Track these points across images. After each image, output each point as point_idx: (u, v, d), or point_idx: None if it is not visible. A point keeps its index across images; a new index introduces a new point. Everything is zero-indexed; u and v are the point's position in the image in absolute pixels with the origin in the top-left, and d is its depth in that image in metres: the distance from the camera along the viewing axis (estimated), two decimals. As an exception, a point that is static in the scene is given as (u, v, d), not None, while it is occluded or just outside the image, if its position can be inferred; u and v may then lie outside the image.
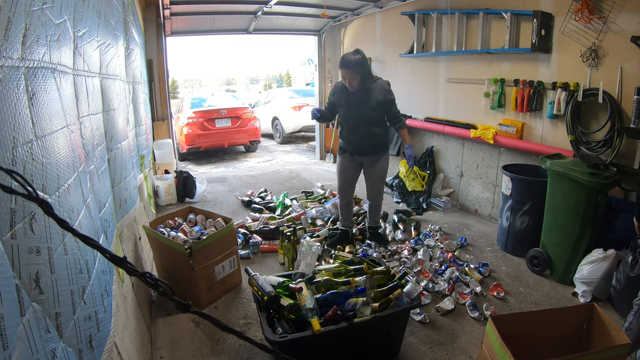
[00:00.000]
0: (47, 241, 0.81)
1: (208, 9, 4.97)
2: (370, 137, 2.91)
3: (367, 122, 2.86)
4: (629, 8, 2.44)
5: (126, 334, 1.49)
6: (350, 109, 2.87)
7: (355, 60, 2.70)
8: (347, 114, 2.90)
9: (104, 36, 1.84)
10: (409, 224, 3.59)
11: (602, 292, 2.33)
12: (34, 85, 0.84)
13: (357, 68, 2.70)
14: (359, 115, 2.85)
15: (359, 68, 2.71)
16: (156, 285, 0.68)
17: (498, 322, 1.53)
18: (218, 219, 2.83)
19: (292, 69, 33.01)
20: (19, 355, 0.63)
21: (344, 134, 3.01)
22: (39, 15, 0.89)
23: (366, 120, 2.86)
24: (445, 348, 2.03)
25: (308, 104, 8.46)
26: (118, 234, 1.76)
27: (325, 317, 1.71)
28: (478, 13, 3.47)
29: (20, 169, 0.74)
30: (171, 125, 5.44)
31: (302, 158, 7.19)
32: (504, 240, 3.08)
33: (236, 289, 2.62)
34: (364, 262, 2.10)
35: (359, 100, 2.82)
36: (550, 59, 2.98)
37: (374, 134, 2.91)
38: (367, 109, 2.82)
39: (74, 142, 1.13)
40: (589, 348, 1.64)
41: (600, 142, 2.65)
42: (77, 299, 0.94)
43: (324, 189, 4.66)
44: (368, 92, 2.81)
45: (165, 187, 4.30)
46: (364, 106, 2.82)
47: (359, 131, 2.89)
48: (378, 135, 2.93)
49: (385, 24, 5.00)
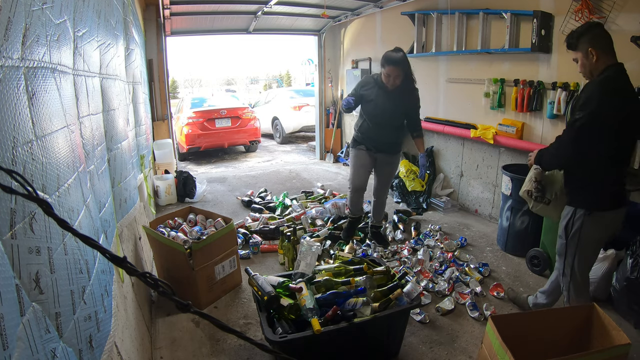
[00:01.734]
0: (47, 241, 0.81)
1: (208, 9, 4.98)
2: (391, 136, 2.91)
3: (393, 121, 2.85)
4: (629, 8, 2.44)
5: (126, 334, 1.49)
6: (381, 105, 2.78)
7: (402, 58, 2.66)
8: (375, 110, 2.81)
9: (104, 36, 1.84)
10: (409, 224, 3.59)
11: (602, 292, 2.33)
12: (34, 85, 0.84)
13: (404, 66, 2.67)
14: (389, 114, 2.80)
15: (406, 66, 2.69)
16: (156, 285, 0.68)
17: (498, 322, 1.53)
18: (218, 219, 2.83)
19: (292, 69, 33.02)
20: (19, 355, 0.63)
21: (364, 127, 2.92)
22: (39, 15, 0.89)
23: (393, 120, 2.84)
24: (445, 348, 2.03)
25: (308, 104, 8.46)
26: (118, 234, 1.76)
27: (325, 317, 1.71)
28: (478, 13, 3.47)
29: (20, 169, 0.74)
30: (171, 125, 5.44)
31: (302, 158, 7.19)
32: (504, 240, 3.08)
33: (236, 289, 2.62)
34: (364, 262, 2.10)
35: (394, 99, 2.76)
36: (550, 59, 2.98)
37: (395, 134, 2.92)
38: (398, 109, 2.80)
39: (74, 142, 1.13)
40: (589, 348, 1.63)
41: (601, 142, 2.64)
42: (77, 299, 0.94)
43: (324, 189, 4.66)
44: (404, 93, 2.77)
45: (165, 187, 4.30)
46: (397, 106, 2.78)
47: (383, 129, 2.85)
48: (398, 136, 2.96)
49: (385, 24, 5.00)
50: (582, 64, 1.77)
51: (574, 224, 1.76)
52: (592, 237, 1.77)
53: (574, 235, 1.77)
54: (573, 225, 1.77)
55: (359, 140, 2.98)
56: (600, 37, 1.73)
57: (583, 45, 1.73)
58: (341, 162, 6.28)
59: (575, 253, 1.80)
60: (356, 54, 5.67)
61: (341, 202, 3.76)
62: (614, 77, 1.66)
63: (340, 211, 3.69)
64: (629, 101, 1.67)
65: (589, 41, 1.71)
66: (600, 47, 1.70)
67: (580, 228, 1.75)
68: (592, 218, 1.72)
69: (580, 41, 1.75)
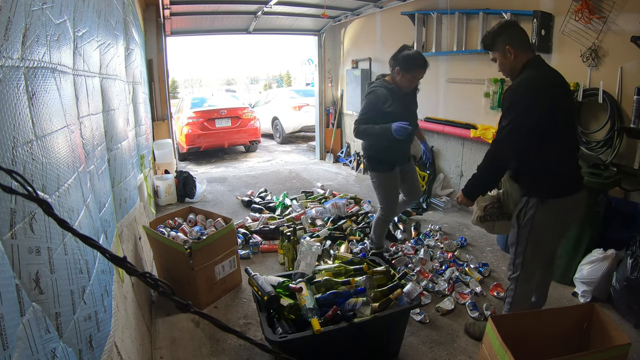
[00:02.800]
0: (47, 241, 0.81)
1: (208, 9, 4.98)
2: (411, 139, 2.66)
3: (415, 125, 2.60)
4: (629, 8, 2.44)
5: (126, 334, 1.49)
6: (407, 115, 2.47)
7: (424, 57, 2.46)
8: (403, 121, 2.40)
9: (104, 36, 1.84)
10: (409, 224, 3.59)
11: (602, 292, 2.33)
12: (34, 85, 0.84)
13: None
14: (413, 118, 2.57)
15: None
16: (156, 285, 0.68)
17: (498, 322, 1.53)
18: (218, 219, 2.83)
19: (292, 69, 32.98)
20: (19, 355, 0.63)
21: (390, 143, 2.43)
22: (39, 15, 0.89)
23: (416, 122, 2.62)
24: (445, 348, 2.03)
25: (308, 104, 8.46)
26: (118, 234, 1.76)
27: (325, 317, 1.71)
28: (478, 13, 3.47)
29: (20, 169, 0.74)
30: (171, 125, 5.44)
31: (302, 158, 7.19)
32: (504, 240, 3.08)
33: (236, 289, 2.62)
34: (364, 262, 2.10)
35: (410, 101, 2.59)
36: (550, 59, 2.98)
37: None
38: (415, 109, 2.65)
39: (74, 142, 1.13)
40: (589, 348, 1.63)
41: (600, 142, 2.65)
42: (77, 299, 0.94)
43: (324, 189, 4.66)
44: (414, 94, 2.63)
45: (165, 187, 4.30)
46: (415, 106, 2.64)
47: (410, 137, 2.54)
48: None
49: (385, 24, 5.00)
50: (501, 63, 1.80)
51: (527, 213, 1.73)
52: (546, 225, 1.73)
53: (527, 223, 1.73)
54: (526, 214, 1.73)
55: (386, 161, 2.57)
56: (517, 35, 1.76)
57: (500, 45, 1.76)
58: (341, 162, 6.29)
59: (526, 242, 1.76)
60: (356, 54, 5.67)
61: (341, 202, 3.76)
62: (532, 76, 1.69)
63: (340, 211, 3.69)
64: (552, 90, 1.68)
65: (506, 40, 1.74)
66: (517, 45, 1.73)
67: (533, 216, 1.71)
68: (546, 206, 1.69)
69: (496, 41, 1.77)
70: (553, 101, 1.65)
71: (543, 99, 1.64)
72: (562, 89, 1.73)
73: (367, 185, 5.03)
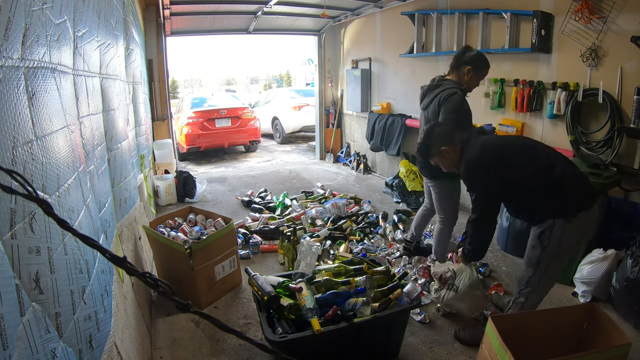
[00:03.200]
0: (47, 241, 0.81)
1: (208, 9, 4.98)
2: None
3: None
4: (629, 8, 2.44)
5: (126, 334, 1.49)
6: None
7: None
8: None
9: (104, 36, 1.84)
10: (409, 224, 3.58)
11: (602, 292, 2.33)
12: (34, 85, 0.84)
13: None
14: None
15: None
16: (156, 285, 0.68)
17: (498, 322, 1.53)
18: (218, 219, 2.83)
19: (292, 69, 32.96)
20: (19, 355, 0.63)
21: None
22: (39, 15, 0.89)
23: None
24: (445, 348, 2.03)
25: (308, 104, 8.46)
26: (118, 234, 1.76)
27: (325, 317, 1.71)
28: (478, 13, 3.47)
29: (20, 169, 0.74)
30: (171, 125, 5.44)
31: (302, 158, 7.19)
32: (504, 240, 3.08)
33: (236, 289, 2.62)
34: (364, 262, 2.10)
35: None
36: (550, 59, 2.98)
37: None
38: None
39: (74, 142, 1.13)
40: (589, 348, 1.63)
41: (600, 142, 2.65)
42: (77, 299, 0.94)
43: (324, 189, 4.66)
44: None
45: (165, 187, 4.30)
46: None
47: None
48: None
49: (385, 24, 5.00)
50: (444, 163, 1.91)
51: (553, 234, 1.71)
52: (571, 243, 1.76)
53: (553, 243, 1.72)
54: (551, 235, 1.72)
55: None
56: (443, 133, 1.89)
57: (435, 151, 1.90)
58: (341, 162, 6.28)
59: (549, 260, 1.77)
60: (356, 54, 5.67)
61: (341, 202, 3.76)
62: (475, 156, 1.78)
63: (340, 211, 3.69)
64: (491, 150, 1.79)
65: (438, 143, 1.87)
66: (448, 141, 1.86)
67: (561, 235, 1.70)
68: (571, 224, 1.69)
69: (432, 151, 1.91)
70: (502, 158, 1.75)
71: (493, 169, 1.73)
72: (494, 137, 1.82)
73: (367, 185, 5.03)
